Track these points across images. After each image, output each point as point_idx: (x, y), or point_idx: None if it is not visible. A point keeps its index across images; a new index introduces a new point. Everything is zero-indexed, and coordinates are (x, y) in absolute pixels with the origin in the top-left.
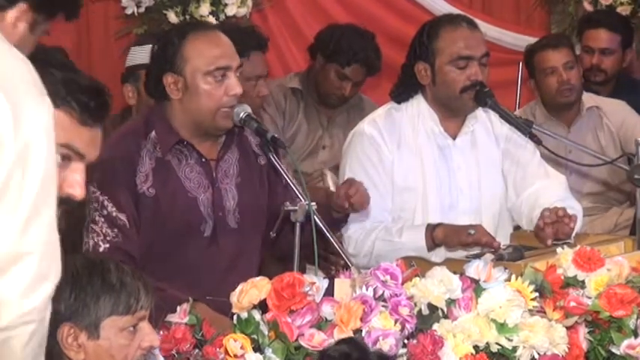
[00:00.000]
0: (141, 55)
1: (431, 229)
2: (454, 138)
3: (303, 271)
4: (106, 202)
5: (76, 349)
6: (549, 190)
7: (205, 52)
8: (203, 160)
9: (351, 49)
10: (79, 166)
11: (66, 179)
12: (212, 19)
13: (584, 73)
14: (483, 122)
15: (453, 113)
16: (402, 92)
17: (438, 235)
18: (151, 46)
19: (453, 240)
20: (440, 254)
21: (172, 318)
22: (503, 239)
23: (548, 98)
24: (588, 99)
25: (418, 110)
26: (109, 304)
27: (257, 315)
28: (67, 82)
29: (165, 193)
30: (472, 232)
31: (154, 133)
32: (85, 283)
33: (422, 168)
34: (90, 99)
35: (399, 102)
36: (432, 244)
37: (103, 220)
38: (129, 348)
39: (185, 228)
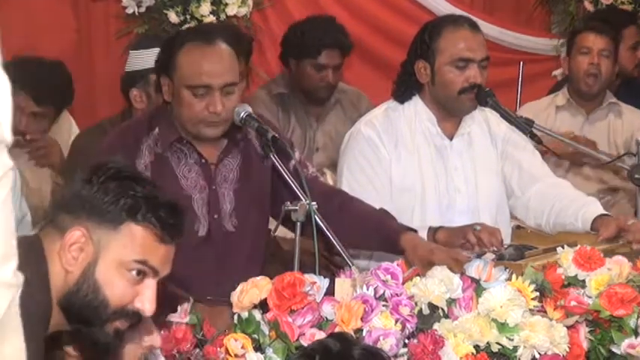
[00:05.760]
0: (138, 59)
1: (432, 232)
2: (451, 138)
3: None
4: None
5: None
6: (567, 188)
7: (194, 66)
8: (203, 161)
9: (316, 37)
10: (152, 282)
11: (139, 294)
12: (212, 19)
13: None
14: (480, 123)
15: (450, 114)
16: (404, 91)
17: (440, 238)
18: (146, 50)
19: (456, 239)
20: None
21: (173, 318)
22: (503, 239)
23: (575, 78)
24: (612, 97)
25: (415, 110)
26: None
27: (258, 315)
28: (148, 198)
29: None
30: (478, 227)
31: (157, 130)
32: None
33: (419, 168)
34: (169, 216)
35: (401, 102)
36: None
37: None
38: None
39: None
